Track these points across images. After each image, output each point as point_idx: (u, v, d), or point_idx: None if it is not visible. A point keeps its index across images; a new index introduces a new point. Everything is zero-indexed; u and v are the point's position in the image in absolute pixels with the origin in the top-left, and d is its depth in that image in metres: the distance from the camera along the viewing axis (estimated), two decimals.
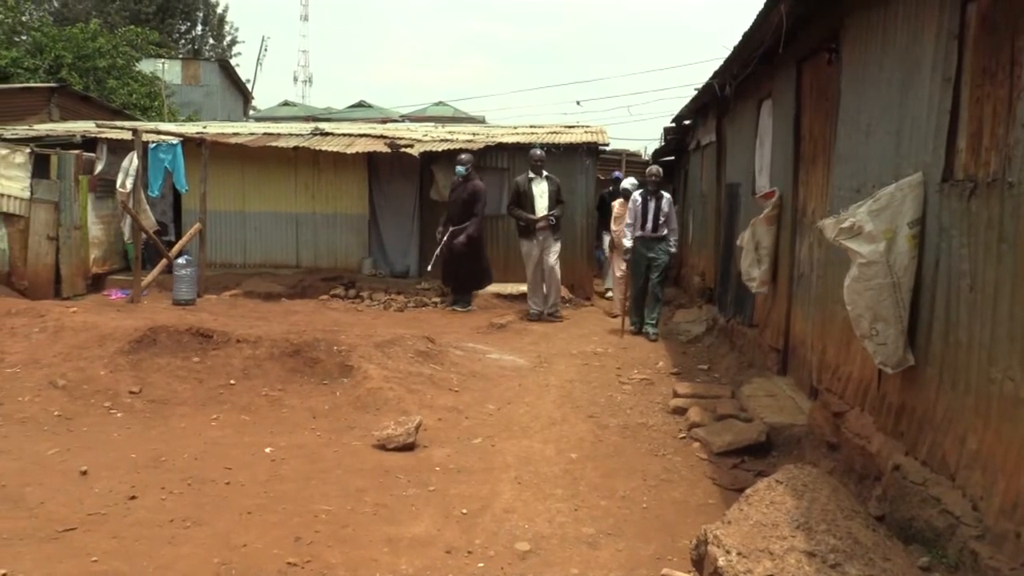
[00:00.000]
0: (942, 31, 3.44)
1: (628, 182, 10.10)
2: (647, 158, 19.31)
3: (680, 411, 5.74)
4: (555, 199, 9.87)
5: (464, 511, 3.91)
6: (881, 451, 3.72)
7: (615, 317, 9.89)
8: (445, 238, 10.19)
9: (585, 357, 7.71)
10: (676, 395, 6.10)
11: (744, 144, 8.22)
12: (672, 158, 17.03)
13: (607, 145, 12.84)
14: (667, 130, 14.29)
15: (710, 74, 8.49)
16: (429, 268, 10.63)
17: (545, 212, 9.74)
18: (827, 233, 3.71)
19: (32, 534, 3.42)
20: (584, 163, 11.93)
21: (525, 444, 5.02)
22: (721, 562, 2.77)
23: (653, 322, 8.92)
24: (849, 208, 3.67)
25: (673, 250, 9.16)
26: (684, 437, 5.24)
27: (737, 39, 6.65)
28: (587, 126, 14.23)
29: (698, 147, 12.22)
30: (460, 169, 10.23)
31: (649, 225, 8.93)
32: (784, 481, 3.28)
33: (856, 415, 4.17)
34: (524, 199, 9.82)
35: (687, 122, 12.90)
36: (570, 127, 14.30)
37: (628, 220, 9.07)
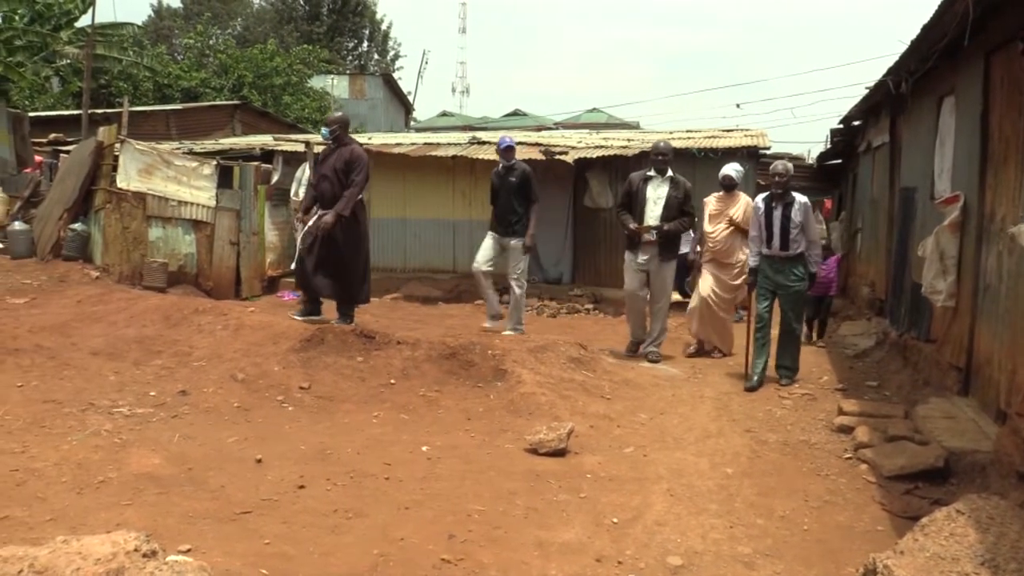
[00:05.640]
0: None
1: (732, 168, 8.06)
2: (811, 162, 18.46)
3: (846, 429, 5.40)
4: (677, 209, 7.48)
5: (615, 520, 3.87)
6: None
7: (693, 353, 8.06)
8: (311, 223, 7.20)
9: (742, 368, 7.43)
10: (841, 412, 5.74)
11: (921, 145, 7.66)
12: (839, 161, 16.17)
13: (768, 148, 12.38)
14: (834, 132, 13.58)
15: (882, 71, 8.00)
16: (293, 266, 7.79)
17: (656, 222, 7.44)
18: (1022, 241, 3.37)
19: (213, 514, 3.69)
20: (744, 168, 11.53)
21: (678, 456, 4.90)
22: None
23: (788, 366, 6.93)
24: None
25: (813, 269, 6.91)
26: (850, 458, 4.93)
27: (914, 33, 6.22)
28: (747, 129, 13.79)
29: (868, 149, 11.51)
30: (325, 132, 7.36)
31: (776, 241, 6.73)
32: (966, 512, 3.00)
33: None
34: (634, 202, 7.58)
35: (856, 123, 12.20)
36: (728, 131, 13.91)
37: (752, 232, 6.97)
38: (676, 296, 9.77)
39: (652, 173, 7.58)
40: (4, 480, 3.90)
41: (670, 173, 7.58)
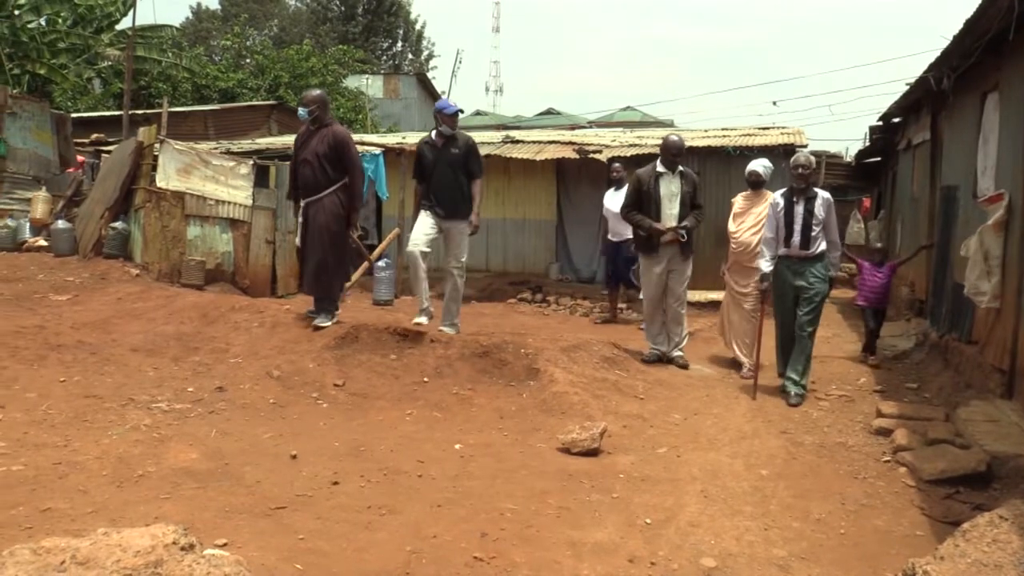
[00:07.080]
0: None
1: (759, 164, 7.32)
2: (850, 160, 18.19)
3: (884, 432, 5.31)
4: (690, 203, 7.06)
5: (648, 521, 3.84)
6: None
7: (739, 366, 7.23)
8: (301, 218, 6.93)
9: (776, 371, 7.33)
10: (880, 415, 5.65)
11: (964, 142, 7.50)
12: (878, 159, 15.91)
13: (805, 146, 12.21)
14: (873, 129, 13.36)
15: (922, 68, 7.86)
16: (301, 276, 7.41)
17: (675, 222, 6.96)
18: None
19: (249, 509, 3.74)
20: (779, 166, 11.40)
21: (712, 457, 4.85)
22: None
23: (796, 378, 6.23)
24: None
25: (832, 274, 6.36)
26: (888, 461, 4.84)
27: (955, 28, 6.10)
28: (783, 127, 13.62)
29: (908, 147, 11.31)
30: (303, 112, 6.85)
31: (796, 239, 6.20)
32: (1010, 518, 2.93)
33: None
34: (647, 201, 7.04)
35: (896, 120, 11.98)
36: (764, 128, 13.74)
37: (767, 233, 6.41)
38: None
39: (662, 169, 7.08)
40: (47, 473, 3.99)
41: (681, 168, 7.14)
